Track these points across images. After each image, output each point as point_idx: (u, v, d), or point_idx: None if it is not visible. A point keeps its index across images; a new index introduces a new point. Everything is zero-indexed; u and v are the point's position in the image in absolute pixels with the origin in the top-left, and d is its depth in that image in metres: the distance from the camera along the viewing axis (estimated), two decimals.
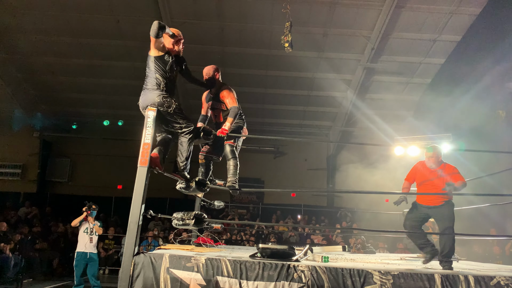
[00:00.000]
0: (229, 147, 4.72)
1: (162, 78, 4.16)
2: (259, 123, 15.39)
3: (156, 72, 4.16)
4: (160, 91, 4.12)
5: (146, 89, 4.19)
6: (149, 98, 4.11)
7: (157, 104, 4.06)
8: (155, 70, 4.16)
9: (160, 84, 4.15)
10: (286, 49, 8.97)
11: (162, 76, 4.16)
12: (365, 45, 11.95)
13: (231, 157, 4.70)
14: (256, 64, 13.03)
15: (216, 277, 3.38)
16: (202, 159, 5.01)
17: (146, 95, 4.15)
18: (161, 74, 4.16)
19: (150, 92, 4.14)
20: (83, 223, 7.47)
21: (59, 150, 16.28)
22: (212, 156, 5.03)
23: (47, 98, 14.85)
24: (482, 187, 7.89)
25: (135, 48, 12.26)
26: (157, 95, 4.09)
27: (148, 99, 4.11)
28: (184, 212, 4.08)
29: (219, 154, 5.00)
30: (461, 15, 10.64)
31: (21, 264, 9.53)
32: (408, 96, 13.61)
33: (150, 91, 4.14)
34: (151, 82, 4.18)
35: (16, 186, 15.44)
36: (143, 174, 3.68)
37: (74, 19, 11.43)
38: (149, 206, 3.88)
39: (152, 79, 4.18)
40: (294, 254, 3.80)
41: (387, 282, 3.36)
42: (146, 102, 4.11)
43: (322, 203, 16.37)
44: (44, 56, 12.84)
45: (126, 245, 3.52)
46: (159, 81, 4.15)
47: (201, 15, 11.22)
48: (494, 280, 3.40)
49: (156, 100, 4.07)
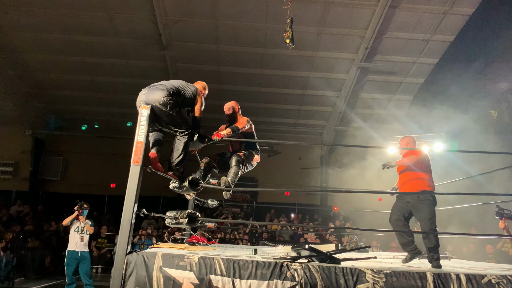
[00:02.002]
0: (237, 156, 4.75)
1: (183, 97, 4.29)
2: (253, 122, 15.30)
3: (185, 92, 4.35)
4: (168, 93, 4.10)
5: (155, 86, 4.17)
6: (154, 96, 4.06)
7: (161, 103, 4.02)
8: (185, 90, 4.36)
9: (174, 94, 4.18)
10: (288, 45, 8.98)
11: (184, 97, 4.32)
12: (359, 44, 11.99)
13: (234, 165, 4.69)
14: (250, 63, 13.03)
15: (209, 275, 3.37)
16: (204, 163, 4.95)
17: (153, 92, 4.10)
18: (185, 97, 4.33)
19: (159, 91, 4.10)
20: (74, 222, 7.41)
21: (51, 148, 16.17)
22: (215, 165, 4.96)
23: (39, 96, 14.75)
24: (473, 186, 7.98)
25: (129, 45, 12.21)
26: (164, 95, 4.06)
27: (153, 96, 4.06)
28: (178, 211, 4.06)
29: (221, 167, 4.94)
30: (454, 15, 10.71)
31: (12, 263, 9.46)
32: (401, 96, 13.69)
33: (159, 90, 4.11)
34: (165, 86, 4.20)
35: (8, 184, 15.30)
36: (136, 173, 3.65)
37: (68, 16, 11.35)
38: (143, 204, 3.85)
39: (168, 86, 4.21)
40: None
41: (380, 281, 3.38)
42: (149, 98, 4.05)
43: (315, 202, 16.43)
44: (37, 53, 12.76)
45: (119, 243, 3.50)
46: (178, 93, 4.23)
47: (195, 13, 11.18)
48: (485, 278, 3.43)
49: (162, 99, 4.03)
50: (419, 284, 3.36)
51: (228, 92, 13.72)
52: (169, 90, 4.15)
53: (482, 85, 9.90)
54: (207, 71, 12.96)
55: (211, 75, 12.93)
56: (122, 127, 14.68)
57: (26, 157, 15.68)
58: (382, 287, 3.35)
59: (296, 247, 4.04)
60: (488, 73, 9.66)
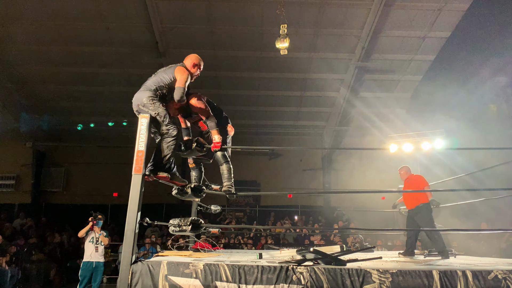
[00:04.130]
0: (220, 151, 4.60)
1: (163, 85, 4.16)
2: (253, 125, 15.40)
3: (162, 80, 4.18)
4: (151, 93, 4.07)
5: (140, 89, 4.17)
6: (139, 98, 4.08)
7: (141, 105, 4.02)
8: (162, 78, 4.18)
9: (156, 89, 4.12)
10: (282, 51, 9.03)
11: (164, 85, 4.17)
12: (355, 44, 12.00)
13: (223, 162, 4.62)
14: (248, 67, 13.04)
15: (215, 282, 3.36)
16: (192, 163, 4.93)
17: (138, 94, 4.12)
18: (164, 84, 4.17)
19: (142, 92, 4.10)
20: (89, 233, 7.50)
21: (52, 160, 16.16)
22: (202, 158, 4.92)
23: (38, 108, 14.75)
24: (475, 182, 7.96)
25: (126, 54, 12.23)
26: (146, 96, 4.05)
27: (137, 99, 4.08)
28: (181, 218, 4.05)
29: (209, 156, 4.86)
30: (450, 12, 10.71)
31: (18, 276, 9.46)
32: (400, 94, 13.68)
33: (142, 91, 4.11)
34: (149, 83, 4.17)
35: (10, 197, 15.29)
36: (138, 182, 3.65)
37: (64, 28, 11.38)
38: (146, 212, 3.85)
39: (152, 81, 4.17)
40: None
41: (386, 281, 3.36)
42: (135, 101, 4.09)
43: (319, 203, 16.39)
44: (35, 65, 12.77)
45: (123, 253, 3.50)
46: (158, 86, 4.14)
47: (191, 19, 11.20)
48: (492, 274, 3.42)
49: (144, 101, 4.03)
50: (426, 283, 3.35)
51: (227, 97, 13.74)
52: (154, 86, 4.13)
53: (480, 80, 9.89)
54: (205, 77, 12.84)
55: (209, 80, 12.93)
56: (122, 136, 14.67)
57: (27, 170, 15.67)
58: (389, 287, 3.34)
59: (301, 250, 4.02)
60: (486, 67, 9.65)
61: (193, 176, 5.01)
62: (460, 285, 3.34)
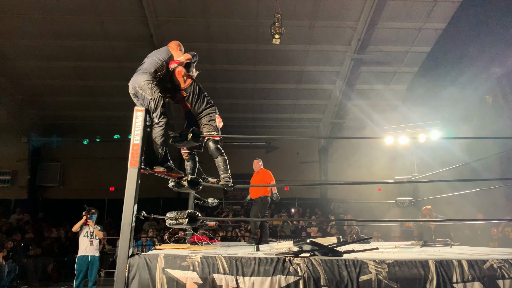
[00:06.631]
0: (213, 144, 4.54)
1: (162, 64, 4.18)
2: (250, 119, 15.37)
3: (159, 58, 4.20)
4: (150, 76, 4.05)
5: (138, 71, 4.14)
6: (137, 80, 4.05)
7: (139, 87, 4.00)
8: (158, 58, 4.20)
9: (156, 71, 4.11)
10: (275, 40, 8.97)
11: (162, 64, 4.18)
12: (351, 36, 11.97)
13: (218, 154, 4.56)
14: (243, 60, 12.99)
15: (212, 274, 3.37)
16: (186, 155, 4.88)
17: (136, 77, 4.09)
18: (162, 63, 4.19)
19: (140, 75, 4.07)
20: (84, 227, 7.50)
21: (48, 155, 16.10)
22: (195, 148, 4.84)
23: (34, 103, 14.67)
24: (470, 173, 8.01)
25: (120, 48, 12.14)
26: (145, 79, 4.02)
27: (135, 81, 4.06)
28: (178, 211, 4.05)
29: (200, 145, 4.77)
30: (445, 3, 10.70)
31: (15, 272, 9.46)
32: (396, 86, 13.70)
33: (140, 74, 4.08)
34: (147, 65, 4.14)
35: (6, 193, 15.26)
36: (134, 176, 3.63)
37: (58, 22, 11.28)
38: (143, 206, 3.84)
39: (149, 64, 4.15)
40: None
41: (383, 271, 3.38)
42: (133, 83, 4.07)
43: (315, 196, 16.45)
44: (30, 60, 12.67)
45: (120, 247, 3.49)
46: (157, 67, 4.14)
47: (186, 12, 11.13)
48: (487, 263, 3.45)
49: (142, 84, 4.00)
50: (422, 273, 3.37)
51: (223, 90, 13.70)
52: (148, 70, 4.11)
53: (476, 71, 9.90)
54: (201, 70, 12.89)
55: (204, 73, 12.81)
56: (118, 130, 14.61)
57: (23, 165, 15.62)
58: (385, 277, 3.36)
59: (297, 242, 4.04)
60: (482, 58, 9.66)
61: (188, 166, 4.96)
62: (456, 274, 3.37)
